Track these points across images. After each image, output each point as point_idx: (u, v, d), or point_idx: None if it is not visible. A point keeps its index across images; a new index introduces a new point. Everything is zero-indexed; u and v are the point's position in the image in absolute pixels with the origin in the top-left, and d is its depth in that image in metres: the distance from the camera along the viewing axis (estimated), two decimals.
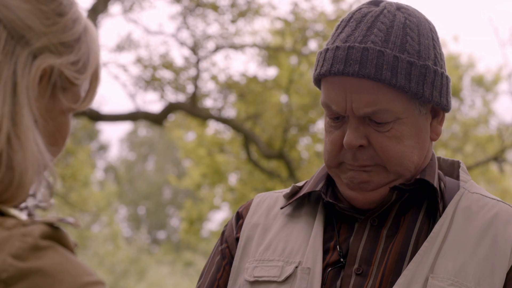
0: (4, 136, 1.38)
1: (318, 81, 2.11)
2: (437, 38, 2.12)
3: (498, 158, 15.06)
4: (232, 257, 2.21)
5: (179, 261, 32.82)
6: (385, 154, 2.05)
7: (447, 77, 2.11)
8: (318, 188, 2.17)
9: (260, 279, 2.11)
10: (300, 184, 2.26)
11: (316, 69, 2.10)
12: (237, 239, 2.22)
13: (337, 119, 2.08)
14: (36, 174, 1.42)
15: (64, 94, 1.49)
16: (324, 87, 2.08)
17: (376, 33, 2.04)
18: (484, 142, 16.60)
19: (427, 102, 2.07)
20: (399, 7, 2.10)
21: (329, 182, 2.19)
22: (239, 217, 2.26)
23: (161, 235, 42.67)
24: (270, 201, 2.26)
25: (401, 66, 2.02)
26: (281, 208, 2.21)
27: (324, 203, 2.16)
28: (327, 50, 2.07)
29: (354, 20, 2.09)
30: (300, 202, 2.21)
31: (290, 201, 2.20)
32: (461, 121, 17.45)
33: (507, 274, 2.01)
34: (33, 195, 1.46)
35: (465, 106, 19.53)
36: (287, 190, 2.25)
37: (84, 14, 1.55)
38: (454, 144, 16.61)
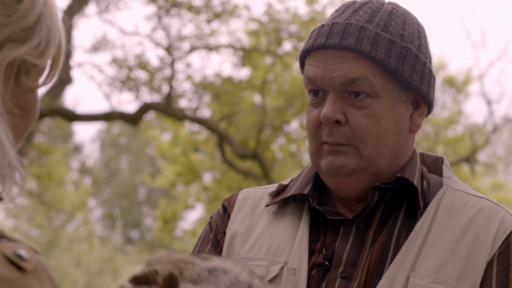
0: None
1: (303, 60, 2.14)
2: (425, 35, 2.15)
3: (469, 158, 15.22)
4: (222, 247, 2.21)
5: None
6: (361, 133, 2.05)
7: (430, 70, 2.12)
8: (305, 192, 2.16)
9: None
10: (285, 182, 2.26)
11: (302, 48, 2.14)
12: (224, 233, 2.22)
13: (316, 94, 2.09)
14: None
15: (27, 76, 1.43)
16: (307, 63, 2.11)
17: (362, 14, 2.09)
18: (454, 142, 16.73)
19: (407, 84, 2.07)
20: (390, 2, 2.15)
21: (316, 183, 2.19)
22: (225, 211, 2.26)
23: (135, 234, 42.55)
24: (255, 198, 2.25)
25: (382, 42, 2.05)
26: (266, 206, 2.20)
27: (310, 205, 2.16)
28: (313, 30, 2.12)
29: (343, 7, 2.14)
30: (285, 201, 2.20)
31: (276, 200, 2.20)
32: (432, 121, 17.60)
33: (486, 266, 2.01)
34: None
35: (437, 107, 19.71)
36: (273, 187, 2.25)
37: None
38: (426, 144, 16.77)
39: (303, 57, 2.13)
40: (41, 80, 1.46)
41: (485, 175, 20.61)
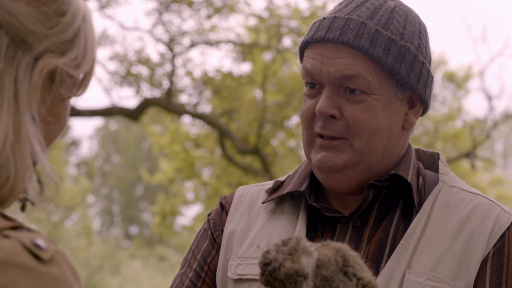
0: (9, 147, 1.37)
1: (302, 51, 2.14)
2: (426, 35, 2.14)
3: (469, 154, 15.21)
4: (219, 244, 2.21)
5: (152, 255, 32.80)
6: (356, 126, 2.05)
7: (429, 70, 2.12)
8: (302, 189, 2.15)
9: (243, 277, 2.10)
10: (282, 178, 2.25)
11: (302, 40, 2.14)
12: (221, 230, 2.22)
13: (313, 87, 2.10)
14: (27, 182, 1.41)
15: (63, 86, 1.47)
16: (306, 55, 2.11)
17: (364, 10, 2.08)
18: (453, 138, 16.74)
19: (404, 83, 2.07)
20: None
21: (312, 180, 2.18)
22: (223, 208, 2.25)
23: (133, 230, 42.58)
24: (252, 195, 2.25)
25: (381, 40, 2.05)
26: (263, 202, 2.20)
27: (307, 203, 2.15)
28: (315, 22, 2.12)
29: (346, 1, 2.14)
30: (282, 198, 2.20)
31: (272, 197, 2.19)
32: (432, 117, 17.60)
33: (480, 265, 2.01)
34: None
35: (437, 103, 19.74)
36: (269, 184, 2.24)
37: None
38: (426, 140, 16.77)
39: (303, 49, 2.14)
40: (74, 90, 1.52)
41: (484, 170, 20.62)
